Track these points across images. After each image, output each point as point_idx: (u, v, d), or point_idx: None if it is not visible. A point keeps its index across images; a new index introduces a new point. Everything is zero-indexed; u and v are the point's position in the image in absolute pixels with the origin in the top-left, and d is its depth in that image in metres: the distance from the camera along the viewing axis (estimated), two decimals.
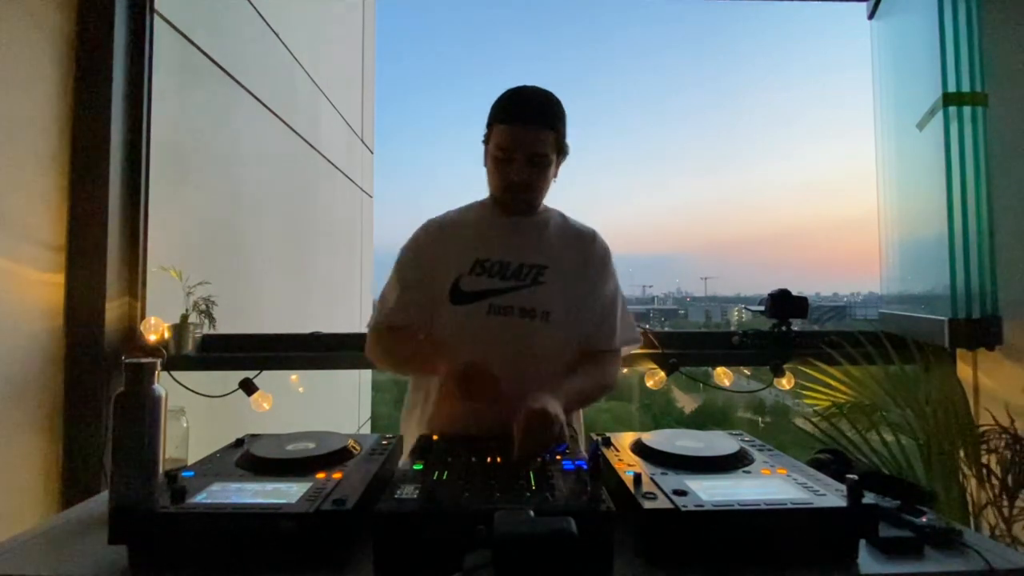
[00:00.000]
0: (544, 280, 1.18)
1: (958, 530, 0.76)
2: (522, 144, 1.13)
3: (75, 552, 0.75)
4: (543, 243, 1.22)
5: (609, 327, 1.24)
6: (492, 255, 1.19)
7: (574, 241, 1.26)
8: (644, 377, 1.87)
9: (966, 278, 1.70)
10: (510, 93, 1.17)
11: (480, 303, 1.17)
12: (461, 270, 1.19)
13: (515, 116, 1.14)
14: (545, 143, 1.14)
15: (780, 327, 1.90)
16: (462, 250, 1.21)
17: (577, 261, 1.23)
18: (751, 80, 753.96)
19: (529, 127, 1.13)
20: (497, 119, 1.16)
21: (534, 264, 1.19)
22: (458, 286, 1.18)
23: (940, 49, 1.74)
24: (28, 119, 1.61)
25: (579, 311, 1.20)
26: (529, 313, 1.16)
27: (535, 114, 1.14)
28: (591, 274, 1.23)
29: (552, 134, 1.14)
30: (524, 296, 1.17)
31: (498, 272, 1.18)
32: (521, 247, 1.21)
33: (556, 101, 1.17)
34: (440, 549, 0.66)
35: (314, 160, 4.19)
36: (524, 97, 1.16)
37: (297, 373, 2.04)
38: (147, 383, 0.88)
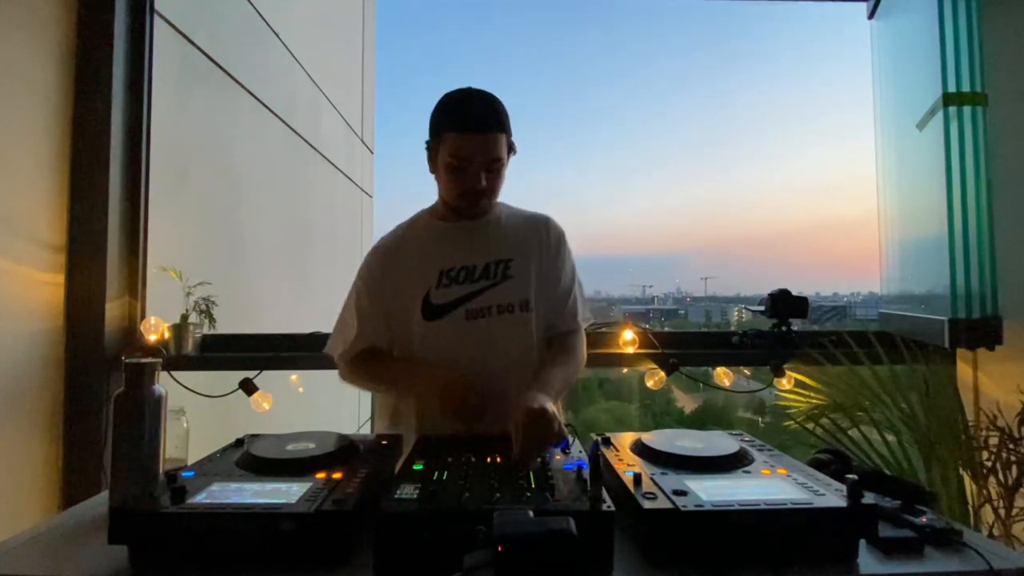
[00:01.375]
0: (512, 272, 1.19)
1: (958, 530, 0.76)
2: (479, 151, 1.11)
3: (75, 552, 0.75)
4: (500, 237, 1.22)
5: (573, 307, 1.26)
6: (455, 263, 1.19)
7: (529, 228, 1.26)
8: (644, 377, 1.87)
9: (966, 278, 1.69)
10: (457, 99, 1.15)
11: (455, 312, 1.16)
12: (427, 286, 1.18)
13: (468, 124, 1.11)
14: (500, 147, 1.13)
15: (780, 327, 1.90)
16: (421, 266, 1.19)
17: (536, 247, 1.24)
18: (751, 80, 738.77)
19: (484, 133, 1.11)
20: (448, 127, 1.12)
21: (499, 259, 1.19)
22: (429, 302, 1.17)
23: (940, 49, 1.74)
24: (28, 119, 1.61)
25: (544, 297, 1.22)
26: (507, 308, 1.17)
27: (487, 119, 1.12)
28: (551, 258, 1.24)
29: (504, 136, 1.14)
30: (498, 293, 1.17)
31: (466, 277, 1.18)
32: (480, 247, 1.20)
33: (499, 104, 1.16)
34: (440, 549, 0.66)
35: (314, 160, 4.18)
36: (476, 103, 1.14)
37: (297, 373, 2.04)
38: (147, 383, 0.88)
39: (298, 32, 3.69)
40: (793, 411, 1.79)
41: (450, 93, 1.16)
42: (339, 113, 4.89)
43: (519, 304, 1.18)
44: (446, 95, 1.16)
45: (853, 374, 1.77)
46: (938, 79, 1.74)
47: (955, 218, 1.70)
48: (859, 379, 1.76)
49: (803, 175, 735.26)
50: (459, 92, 1.16)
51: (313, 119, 4.14)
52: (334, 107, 4.71)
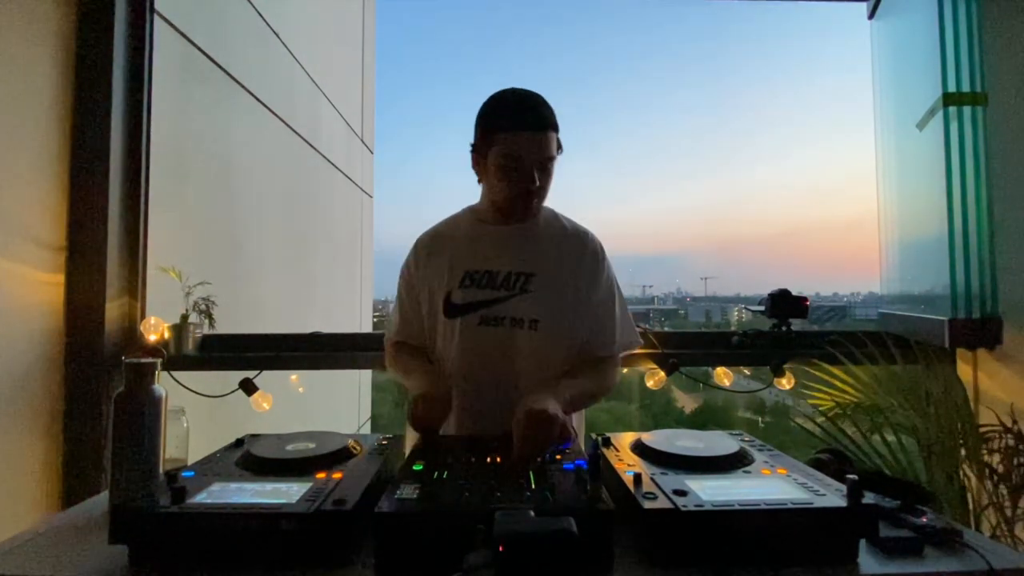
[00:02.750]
0: (531, 288, 1.18)
1: (958, 530, 0.76)
2: (534, 151, 1.11)
3: (75, 552, 0.75)
4: (531, 250, 1.21)
5: (607, 333, 1.23)
6: (480, 266, 1.19)
7: (563, 245, 1.23)
8: (644, 377, 1.87)
9: (966, 278, 1.70)
10: (508, 99, 1.15)
11: (472, 315, 1.17)
12: (452, 284, 1.20)
13: (523, 123, 1.11)
14: (552, 146, 1.13)
15: (780, 327, 1.90)
16: (452, 263, 1.21)
17: (566, 266, 1.21)
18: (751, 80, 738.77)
19: (538, 132, 1.11)
20: (500, 127, 1.12)
21: (521, 272, 1.18)
22: (450, 299, 1.20)
23: (940, 49, 1.74)
24: (28, 119, 1.61)
25: (572, 318, 1.19)
26: (519, 323, 1.16)
27: (540, 118, 1.11)
28: (582, 279, 1.21)
29: (556, 135, 1.13)
30: (512, 305, 1.17)
31: (487, 283, 1.18)
32: (509, 256, 1.20)
33: (547, 101, 1.16)
34: (440, 549, 0.66)
35: (314, 160, 4.18)
36: (524, 102, 1.13)
37: (297, 373, 2.04)
38: (147, 383, 0.88)
39: (298, 32, 3.69)
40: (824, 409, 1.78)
41: (497, 94, 1.16)
42: (339, 113, 4.89)
43: (529, 321, 1.16)
44: (493, 96, 1.16)
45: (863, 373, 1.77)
46: (938, 79, 1.74)
47: (955, 218, 1.70)
48: (864, 380, 1.76)
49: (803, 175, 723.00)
50: (508, 92, 1.16)
51: (313, 119, 4.14)
52: (334, 107, 4.71)
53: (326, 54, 4.61)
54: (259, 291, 3.03)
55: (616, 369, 1.26)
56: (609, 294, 1.24)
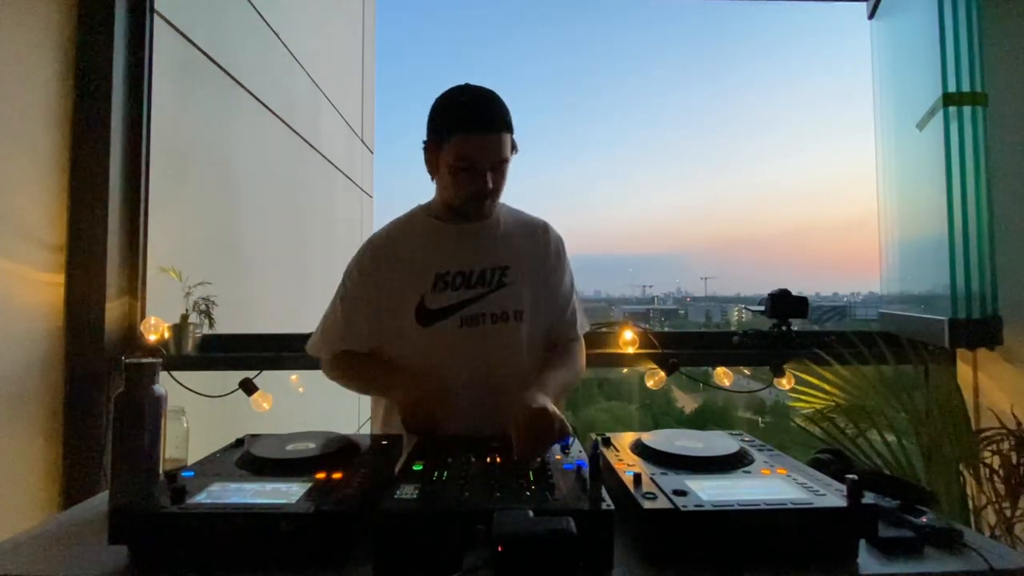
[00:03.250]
0: (508, 280, 1.17)
1: (958, 530, 0.76)
2: (487, 152, 1.08)
3: (75, 552, 0.75)
4: (499, 243, 1.20)
5: (572, 316, 1.26)
6: (451, 267, 1.16)
7: (528, 235, 1.24)
8: (644, 377, 1.87)
9: (966, 278, 1.70)
10: (461, 98, 1.11)
11: (451, 318, 1.14)
12: (422, 289, 1.15)
13: (476, 123, 1.08)
14: (506, 148, 1.10)
15: (780, 327, 1.90)
16: (417, 267, 1.16)
17: (534, 255, 1.22)
18: (751, 80, 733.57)
19: (491, 134, 1.08)
20: (453, 127, 1.08)
21: (496, 266, 1.17)
22: (424, 306, 1.14)
23: (940, 49, 1.74)
24: (28, 119, 1.61)
25: (542, 307, 1.21)
26: (501, 317, 1.15)
27: (495, 118, 1.09)
28: (549, 266, 1.23)
29: (509, 135, 1.11)
30: (493, 300, 1.15)
31: (462, 283, 1.15)
32: (478, 252, 1.18)
33: (502, 101, 1.12)
34: (440, 549, 0.66)
35: (314, 160, 4.18)
36: (477, 102, 1.10)
37: (297, 373, 2.04)
38: (147, 383, 0.88)
39: (298, 32, 3.69)
40: (806, 411, 1.78)
41: (451, 91, 1.12)
42: (339, 113, 4.89)
43: (513, 314, 1.16)
44: (446, 93, 1.12)
45: (857, 374, 1.77)
46: (938, 79, 1.74)
47: (955, 218, 1.70)
48: (864, 380, 1.76)
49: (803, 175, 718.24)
50: (461, 90, 1.12)
51: (313, 119, 4.14)
52: (334, 107, 4.71)
53: (326, 54, 4.61)
54: (259, 291, 3.03)
55: (583, 349, 1.29)
56: (571, 283, 1.28)
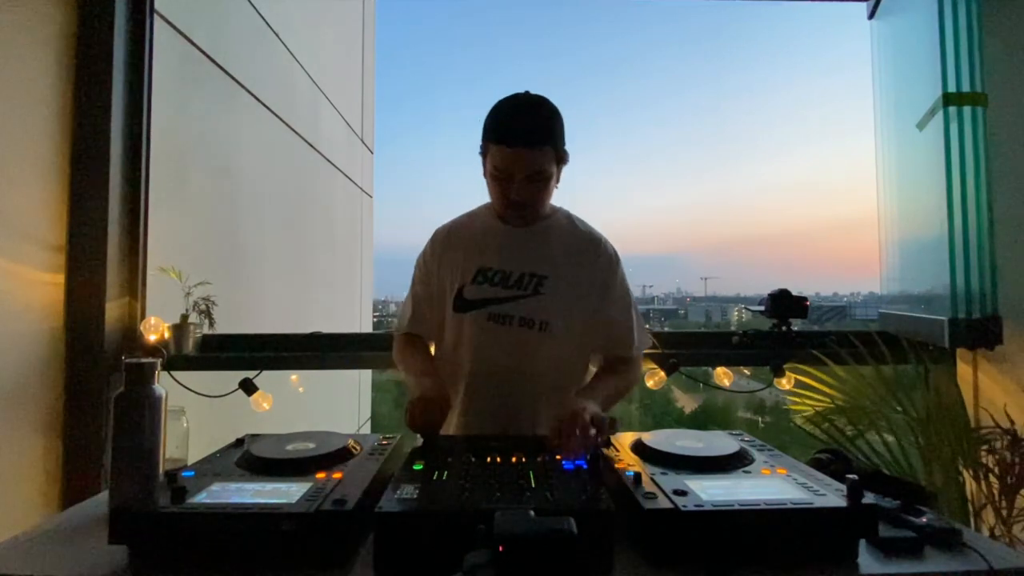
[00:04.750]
0: (544, 291, 1.18)
1: (958, 530, 0.76)
2: (520, 165, 1.10)
3: (75, 552, 0.75)
4: (546, 252, 1.21)
5: (627, 335, 1.24)
6: (494, 264, 1.20)
7: (578, 250, 1.23)
8: (644, 377, 1.87)
9: (966, 278, 1.70)
10: (504, 110, 1.13)
11: (481, 311, 1.18)
12: (464, 279, 1.20)
13: (511, 137, 1.09)
14: (543, 160, 1.11)
15: (780, 327, 1.90)
16: (466, 258, 1.22)
17: (581, 272, 1.21)
18: (751, 80, 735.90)
19: (526, 148, 1.09)
20: (492, 138, 1.12)
21: (535, 274, 1.19)
22: (461, 294, 1.20)
23: (940, 49, 1.74)
24: (28, 119, 1.61)
25: (584, 322, 1.20)
26: (528, 323, 1.17)
27: (531, 133, 1.10)
28: (596, 284, 1.22)
29: (550, 149, 1.11)
30: (524, 305, 1.17)
31: (500, 281, 1.19)
32: (523, 256, 1.20)
33: (551, 112, 1.14)
34: (440, 549, 0.66)
35: (314, 160, 4.18)
36: (519, 114, 1.12)
37: (297, 373, 2.04)
38: (147, 383, 0.88)
39: (298, 32, 3.69)
40: (805, 413, 1.78)
41: (502, 100, 1.14)
42: (339, 113, 4.89)
43: (539, 323, 1.17)
44: (499, 102, 1.14)
45: (856, 375, 1.77)
46: (938, 79, 1.74)
47: (955, 218, 1.70)
48: (864, 380, 1.76)
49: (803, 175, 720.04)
50: (508, 101, 1.14)
51: (313, 119, 4.14)
52: (334, 107, 4.71)
53: (326, 54, 4.61)
54: (259, 291, 3.03)
55: (639, 368, 1.31)
56: (625, 299, 1.25)
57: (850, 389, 1.76)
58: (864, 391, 1.75)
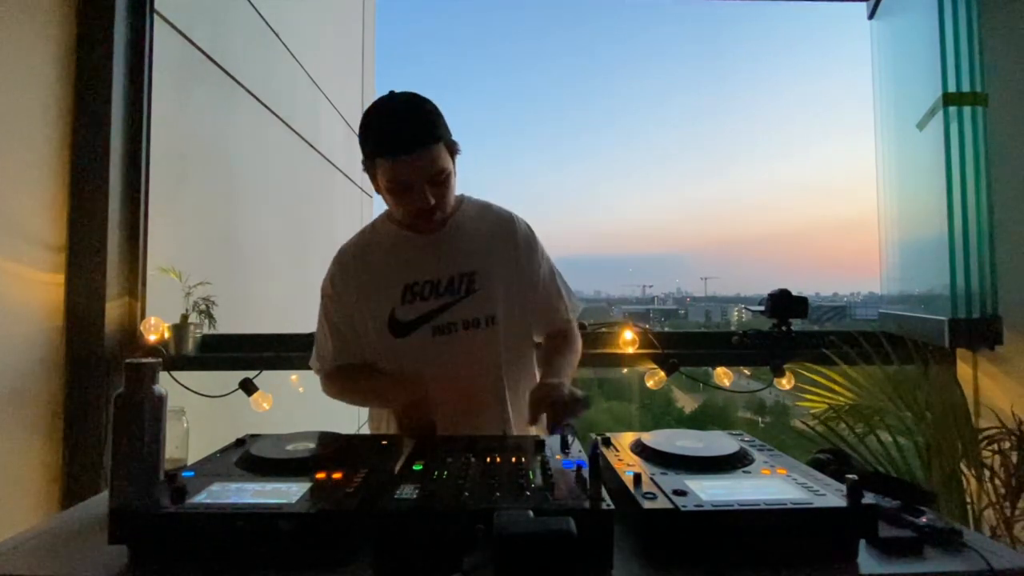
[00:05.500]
0: (477, 286, 1.16)
1: (958, 530, 0.76)
2: (416, 171, 1.04)
3: (75, 552, 0.75)
4: (464, 246, 1.17)
5: (561, 306, 1.26)
6: (419, 276, 1.15)
7: (494, 232, 1.21)
8: (644, 377, 1.87)
9: (966, 278, 1.70)
10: (381, 120, 1.05)
11: (422, 329, 1.14)
12: (393, 301, 1.15)
13: (397, 146, 1.02)
14: (439, 159, 1.05)
15: (780, 327, 1.90)
16: (386, 279, 1.16)
17: (503, 252, 1.19)
18: (751, 80, 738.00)
19: (416, 151, 1.02)
20: (378, 152, 1.04)
21: (463, 272, 1.15)
22: (395, 318, 1.15)
23: (940, 49, 1.74)
24: (28, 119, 1.61)
25: (523, 302, 1.20)
26: (474, 323, 1.15)
27: (417, 136, 1.02)
28: (521, 261, 1.20)
29: (440, 144, 1.05)
30: (463, 308, 1.15)
31: (431, 292, 1.14)
32: (443, 260, 1.16)
33: (428, 108, 1.05)
34: (440, 549, 0.66)
35: (314, 160, 4.18)
36: (398, 120, 1.04)
37: (297, 373, 2.04)
38: (147, 383, 0.88)
39: (298, 32, 3.69)
40: (815, 410, 1.78)
41: (371, 109, 1.06)
42: (339, 113, 4.89)
43: (485, 319, 1.15)
44: (368, 112, 1.07)
45: (864, 374, 1.76)
46: (938, 79, 1.74)
47: (955, 218, 1.70)
48: (869, 379, 1.76)
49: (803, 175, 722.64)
50: (380, 109, 1.06)
51: (313, 119, 4.14)
52: (334, 107, 4.71)
53: (326, 54, 4.61)
54: (259, 291, 3.03)
55: (577, 332, 1.30)
56: (549, 270, 1.25)
57: (855, 388, 1.76)
58: (874, 390, 1.75)
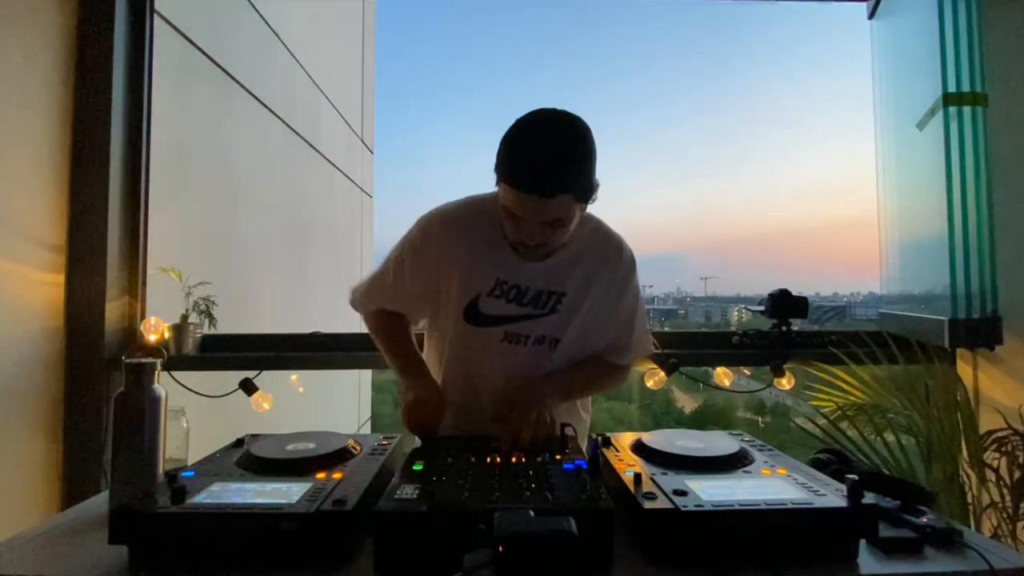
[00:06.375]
0: (562, 308, 1.12)
1: (958, 530, 0.76)
2: (534, 213, 0.97)
3: (75, 552, 0.75)
4: (566, 266, 1.12)
5: (624, 346, 1.20)
6: (510, 277, 1.10)
7: (601, 258, 1.15)
8: (644, 377, 1.87)
9: (966, 278, 1.69)
10: (521, 141, 0.97)
11: (496, 328, 1.12)
12: (480, 288, 1.11)
13: (523, 182, 0.94)
14: (563, 209, 0.97)
15: (780, 327, 1.90)
16: (481, 263, 1.11)
17: (599, 284, 1.15)
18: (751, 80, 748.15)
19: (539, 196, 0.94)
20: (505, 174, 0.97)
21: (552, 291, 1.12)
22: (476, 306, 1.11)
23: (940, 49, 1.74)
24: (28, 119, 1.61)
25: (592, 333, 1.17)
26: (540, 340, 1.13)
27: (549, 180, 0.93)
28: (611, 295, 1.16)
29: (568, 196, 0.96)
30: (540, 324, 1.12)
31: (515, 297, 1.11)
32: (540, 271, 1.11)
33: (577, 150, 0.96)
34: (440, 549, 0.66)
35: (314, 160, 4.18)
36: (537, 156, 0.94)
37: (297, 373, 2.04)
38: (147, 383, 0.88)
39: (298, 32, 3.69)
40: (825, 409, 1.77)
41: (521, 123, 0.98)
42: (339, 113, 4.89)
43: (550, 341, 1.13)
44: (517, 123, 0.98)
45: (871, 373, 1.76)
46: (938, 79, 1.74)
47: (955, 218, 1.70)
48: (875, 379, 1.76)
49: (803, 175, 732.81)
50: (528, 129, 0.97)
51: (313, 119, 4.14)
52: (334, 107, 4.71)
53: (326, 54, 4.61)
54: (259, 291, 3.03)
55: (624, 375, 1.28)
56: (633, 307, 1.20)
57: (867, 387, 1.75)
58: (865, 391, 1.75)
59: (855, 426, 1.67)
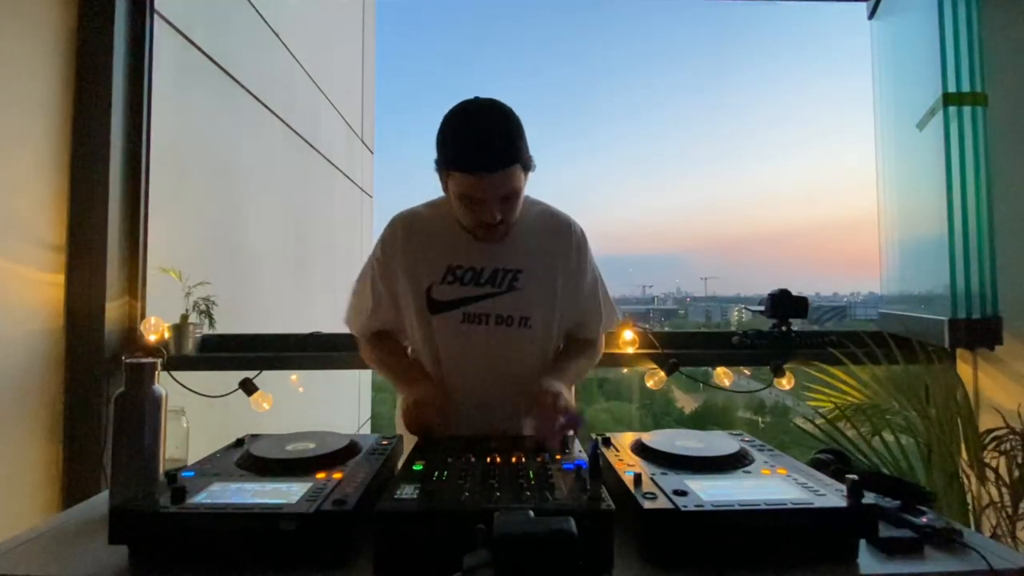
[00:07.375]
0: (519, 285, 1.15)
1: (958, 530, 0.76)
2: (490, 190, 1.03)
3: (75, 552, 0.75)
4: (518, 244, 1.16)
5: (593, 320, 1.26)
6: (463, 261, 1.15)
7: (550, 238, 1.20)
8: (644, 377, 1.87)
9: (966, 278, 1.70)
10: (461, 131, 1.03)
11: (454, 312, 1.14)
12: (433, 278, 1.15)
13: (476, 164, 1.01)
14: (514, 179, 1.04)
15: (780, 327, 1.90)
16: (433, 255, 1.16)
17: (554, 260, 1.18)
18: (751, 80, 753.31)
19: (494, 172, 1.01)
20: (453, 165, 1.03)
21: (508, 268, 1.15)
22: (431, 295, 1.15)
23: (940, 49, 1.74)
24: (28, 119, 1.61)
25: (560, 310, 1.19)
26: (506, 320, 1.14)
27: (497, 155, 1.01)
28: (570, 271, 1.19)
29: (518, 166, 1.03)
30: (499, 303, 1.14)
31: (471, 279, 1.14)
32: (492, 252, 1.15)
33: (511, 125, 1.04)
34: (440, 549, 0.66)
35: (314, 160, 4.18)
36: (479, 137, 1.02)
37: (297, 373, 2.04)
38: (147, 383, 0.88)
39: (298, 32, 3.69)
40: (823, 408, 1.77)
41: (452, 116, 1.05)
42: (339, 113, 4.89)
43: (518, 319, 1.15)
44: (450, 116, 1.05)
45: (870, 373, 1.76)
46: (938, 79, 1.74)
47: (955, 218, 1.70)
48: (875, 379, 1.76)
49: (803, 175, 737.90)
50: (461, 118, 1.04)
51: (313, 119, 4.14)
52: (334, 107, 4.71)
53: (326, 54, 4.61)
54: (259, 291, 3.03)
55: (601, 345, 1.32)
56: (593, 281, 1.25)
57: (867, 387, 1.75)
58: (865, 391, 1.75)
59: (855, 426, 1.67)
